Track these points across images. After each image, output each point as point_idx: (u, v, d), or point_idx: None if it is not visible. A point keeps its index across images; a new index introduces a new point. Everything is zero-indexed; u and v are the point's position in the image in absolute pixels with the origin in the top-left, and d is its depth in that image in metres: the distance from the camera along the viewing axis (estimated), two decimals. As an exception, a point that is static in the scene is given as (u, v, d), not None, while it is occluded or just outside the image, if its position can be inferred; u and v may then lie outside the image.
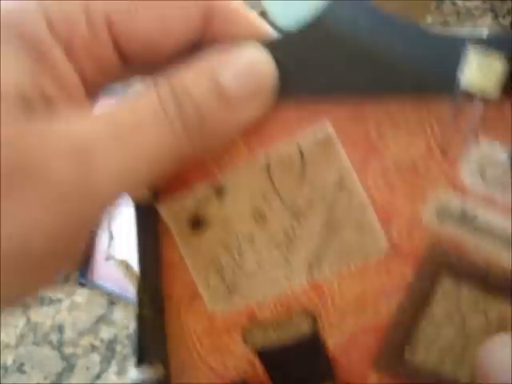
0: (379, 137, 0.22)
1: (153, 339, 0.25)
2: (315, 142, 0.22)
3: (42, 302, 0.54)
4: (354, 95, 0.21)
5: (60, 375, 0.48)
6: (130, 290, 0.52)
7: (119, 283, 0.53)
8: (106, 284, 0.54)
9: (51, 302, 0.54)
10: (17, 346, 0.51)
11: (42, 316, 0.53)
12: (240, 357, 0.25)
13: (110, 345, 0.51)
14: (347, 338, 0.24)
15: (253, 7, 0.98)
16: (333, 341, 0.24)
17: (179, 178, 0.23)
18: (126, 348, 0.50)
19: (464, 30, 0.96)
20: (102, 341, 0.51)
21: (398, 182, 0.22)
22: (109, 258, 0.53)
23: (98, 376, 0.48)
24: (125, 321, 0.53)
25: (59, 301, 0.55)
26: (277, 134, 0.22)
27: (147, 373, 0.24)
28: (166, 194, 0.23)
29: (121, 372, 0.49)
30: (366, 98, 0.21)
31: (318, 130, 0.22)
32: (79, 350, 0.50)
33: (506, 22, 0.97)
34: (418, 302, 0.23)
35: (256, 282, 0.24)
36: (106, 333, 0.52)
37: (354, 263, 0.24)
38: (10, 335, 0.51)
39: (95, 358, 0.50)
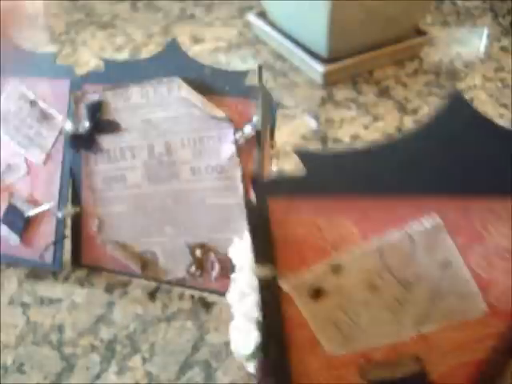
0: (483, 227, 0.26)
1: (278, 376, 0.32)
2: (425, 230, 0.26)
3: (41, 301, 0.54)
4: (461, 193, 0.25)
5: (60, 375, 0.48)
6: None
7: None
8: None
9: (51, 301, 0.54)
10: (16, 346, 0.51)
11: (42, 316, 0.53)
12: None
13: (110, 345, 0.51)
14: (448, 371, 0.30)
15: (253, 7, 0.96)
16: (435, 375, 0.30)
17: (299, 259, 0.28)
18: (126, 348, 0.50)
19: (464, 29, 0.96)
20: (101, 341, 0.51)
21: (498, 261, 0.26)
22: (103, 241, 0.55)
23: (98, 376, 0.48)
24: (125, 321, 0.53)
25: (59, 301, 0.54)
26: (389, 223, 0.26)
27: None
28: (287, 271, 0.28)
29: (121, 372, 0.48)
30: (472, 196, 0.25)
31: (428, 220, 0.26)
32: (79, 350, 0.50)
33: (505, 21, 0.97)
34: (508, 345, 0.28)
35: (370, 335, 0.30)
36: (105, 333, 0.52)
37: (456, 321, 0.28)
38: (9, 335, 0.51)
39: (95, 358, 0.50)
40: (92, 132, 0.52)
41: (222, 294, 0.49)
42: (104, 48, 0.90)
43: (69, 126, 0.52)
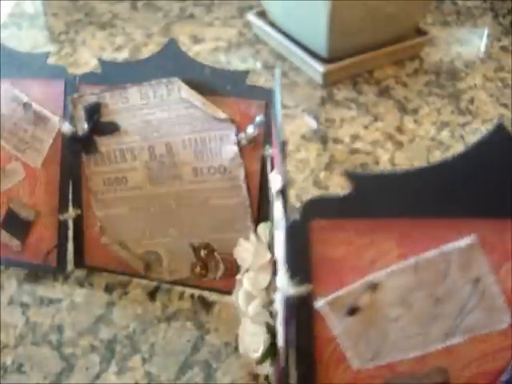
0: None
1: None
2: (460, 250, 0.28)
3: (41, 301, 0.54)
4: (497, 215, 0.27)
5: (59, 375, 0.48)
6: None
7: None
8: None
9: (50, 301, 0.54)
10: (16, 346, 0.51)
11: (42, 316, 0.53)
12: None
13: (110, 345, 0.50)
14: (470, 380, 0.32)
15: (253, 7, 0.96)
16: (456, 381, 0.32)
17: (336, 277, 0.29)
18: (125, 348, 0.50)
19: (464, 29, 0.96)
20: (101, 341, 0.51)
21: None
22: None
23: (98, 376, 0.48)
24: (124, 321, 0.52)
25: (59, 301, 0.54)
26: (427, 243, 0.28)
27: None
28: (323, 289, 0.29)
29: (121, 372, 0.48)
30: (507, 218, 0.27)
31: (464, 240, 0.27)
32: (79, 350, 0.50)
33: (506, 21, 0.97)
34: None
35: (398, 348, 0.31)
36: (105, 333, 0.51)
37: (481, 334, 0.30)
38: (9, 335, 0.51)
39: (95, 358, 0.50)
40: (91, 134, 0.51)
41: (227, 293, 0.51)
42: (104, 48, 0.90)
43: (67, 128, 0.51)
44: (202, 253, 0.53)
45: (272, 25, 0.88)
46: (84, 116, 0.51)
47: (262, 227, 0.48)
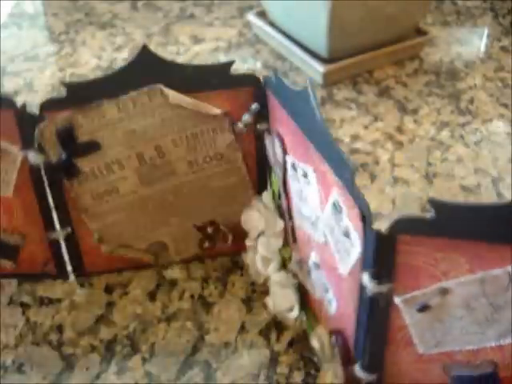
0: None
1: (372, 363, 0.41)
2: None
3: (41, 301, 0.54)
4: None
5: (59, 375, 0.48)
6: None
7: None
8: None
9: (51, 301, 0.54)
10: (16, 346, 0.51)
11: (42, 316, 0.53)
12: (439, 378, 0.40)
13: (110, 345, 0.50)
14: None
15: (253, 7, 0.96)
16: (505, 377, 0.38)
17: (414, 281, 0.35)
18: (126, 348, 0.50)
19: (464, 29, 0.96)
20: (101, 341, 0.51)
21: None
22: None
23: (98, 376, 0.48)
24: (125, 321, 0.52)
25: (59, 301, 0.54)
26: (494, 263, 0.33)
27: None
28: (401, 289, 0.36)
29: (121, 372, 0.48)
30: None
31: None
32: (79, 350, 0.50)
33: (506, 21, 0.97)
34: None
35: (457, 341, 0.38)
36: (105, 333, 0.51)
37: None
38: (9, 335, 0.51)
39: (95, 358, 0.50)
40: (70, 158, 0.49)
41: (237, 253, 0.56)
42: (104, 48, 0.90)
43: (35, 159, 0.48)
44: (209, 230, 0.55)
45: (272, 25, 0.88)
46: (58, 142, 0.48)
47: (266, 196, 0.52)
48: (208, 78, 0.47)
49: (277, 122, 0.47)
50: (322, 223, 0.41)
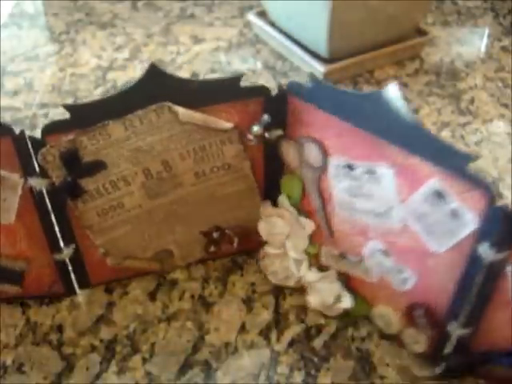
0: None
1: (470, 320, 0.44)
2: None
3: (41, 301, 0.54)
4: None
5: (60, 375, 0.48)
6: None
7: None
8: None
9: (51, 301, 0.54)
10: (16, 346, 0.50)
11: (42, 316, 0.53)
12: None
13: (110, 345, 0.50)
14: None
15: (253, 7, 0.96)
16: None
17: None
18: (125, 348, 0.50)
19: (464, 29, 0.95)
20: (101, 341, 0.51)
21: None
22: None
23: (98, 376, 0.48)
24: (125, 321, 0.52)
25: (59, 301, 0.54)
26: None
27: None
28: None
29: (121, 372, 0.48)
30: None
31: None
32: (79, 350, 0.50)
33: (506, 21, 0.97)
34: None
35: None
36: (105, 333, 0.51)
37: None
38: (9, 335, 0.51)
39: (95, 358, 0.50)
40: (74, 180, 0.48)
41: (242, 252, 0.57)
42: (104, 48, 0.90)
43: (38, 184, 0.47)
44: (214, 235, 0.55)
45: (272, 25, 0.88)
46: (62, 165, 0.47)
47: (283, 200, 0.52)
48: (216, 92, 0.47)
49: (309, 127, 0.47)
50: (401, 212, 0.44)
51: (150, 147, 0.48)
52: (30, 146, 0.46)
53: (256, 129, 0.48)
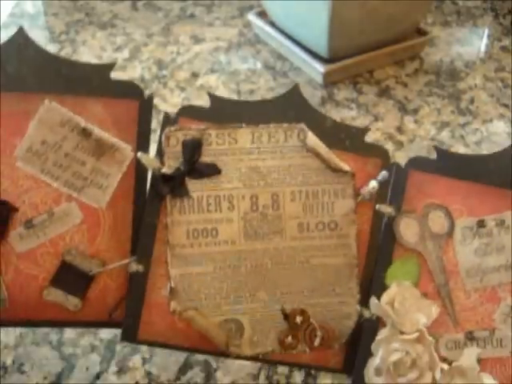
0: None
1: None
2: None
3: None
4: None
5: (60, 375, 0.48)
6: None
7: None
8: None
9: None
10: (16, 346, 0.50)
11: (42, 316, 0.53)
12: None
13: (110, 345, 0.50)
14: None
15: (253, 7, 0.96)
16: None
17: None
18: (126, 348, 0.50)
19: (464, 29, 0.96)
20: (101, 341, 0.51)
21: None
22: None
23: (98, 376, 0.48)
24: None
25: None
26: None
27: None
28: None
29: (121, 372, 0.48)
30: None
31: None
32: (79, 350, 0.50)
33: (506, 21, 0.97)
34: None
35: None
36: (105, 333, 0.51)
37: None
38: (9, 335, 0.51)
39: (95, 358, 0.50)
40: (185, 175, 0.44)
41: (318, 368, 0.47)
42: (104, 48, 0.90)
43: (152, 163, 0.42)
44: (297, 319, 0.46)
45: (272, 25, 0.88)
46: (181, 153, 0.44)
47: (408, 286, 0.45)
48: (342, 138, 0.46)
49: (433, 196, 0.46)
50: None
51: (267, 171, 0.45)
52: (156, 119, 0.41)
53: (373, 184, 0.45)
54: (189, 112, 0.44)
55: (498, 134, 0.73)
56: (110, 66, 0.44)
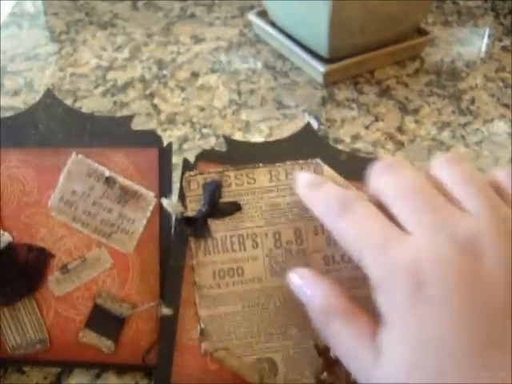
0: None
1: None
2: None
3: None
4: None
5: (59, 375, 0.48)
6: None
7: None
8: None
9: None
10: (16, 346, 0.50)
11: (42, 316, 0.53)
12: None
13: (110, 345, 0.50)
14: None
15: (253, 7, 0.96)
16: None
17: None
18: (125, 348, 0.50)
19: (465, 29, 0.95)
20: (101, 341, 0.51)
21: None
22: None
23: (98, 376, 0.48)
24: (125, 321, 0.52)
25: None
26: None
27: None
28: None
29: (121, 372, 0.48)
30: None
31: None
32: (79, 351, 0.50)
33: (507, 21, 0.97)
34: None
35: None
36: (105, 333, 0.51)
37: None
38: (9, 335, 0.51)
39: (95, 358, 0.49)
40: (206, 216, 0.44)
41: None
42: (104, 48, 0.89)
43: (174, 207, 0.44)
44: (332, 354, 0.44)
45: (273, 25, 0.88)
46: (202, 195, 0.45)
47: None
48: (359, 170, 0.44)
49: None
50: None
51: (287, 208, 0.46)
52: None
53: None
54: (207, 156, 0.46)
55: (498, 135, 0.72)
56: (130, 118, 0.47)
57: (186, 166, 0.45)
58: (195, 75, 0.83)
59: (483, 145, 0.71)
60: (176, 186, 0.46)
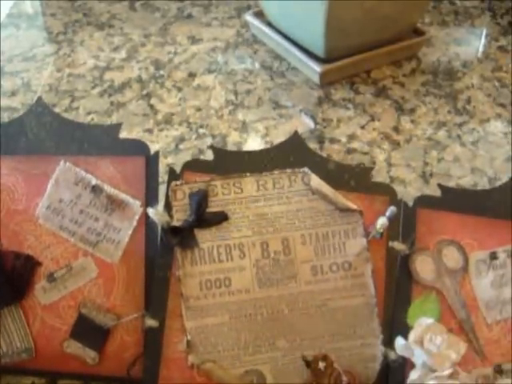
0: None
1: None
2: None
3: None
4: None
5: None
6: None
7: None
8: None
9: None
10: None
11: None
12: None
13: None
14: None
15: (250, 7, 0.97)
16: None
17: None
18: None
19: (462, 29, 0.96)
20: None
21: None
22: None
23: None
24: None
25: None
26: None
27: None
28: None
29: None
30: None
31: None
32: (75, 350, 0.50)
33: (503, 21, 0.97)
34: None
35: None
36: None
37: None
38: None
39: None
40: (193, 226, 0.44)
41: None
42: (102, 48, 0.90)
43: (159, 217, 0.43)
44: (320, 365, 0.44)
45: (270, 25, 0.88)
46: (188, 205, 0.45)
47: (437, 325, 0.44)
48: (347, 178, 0.46)
49: (443, 233, 0.46)
50: None
51: (274, 217, 0.46)
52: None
53: (382, 220, 0.45)
54: (193, 165, 0.46)
55: (494, 134, 0.73)
56: (118, 126, 0.47)
57: (172, 175, 0.45)
58: (192, 75, 0.83)
59: (479, 144, 0.71)
60: (163, 194, 0.45)
